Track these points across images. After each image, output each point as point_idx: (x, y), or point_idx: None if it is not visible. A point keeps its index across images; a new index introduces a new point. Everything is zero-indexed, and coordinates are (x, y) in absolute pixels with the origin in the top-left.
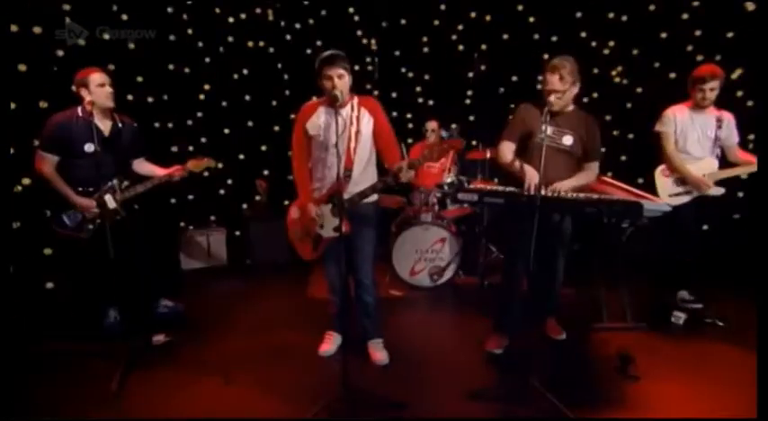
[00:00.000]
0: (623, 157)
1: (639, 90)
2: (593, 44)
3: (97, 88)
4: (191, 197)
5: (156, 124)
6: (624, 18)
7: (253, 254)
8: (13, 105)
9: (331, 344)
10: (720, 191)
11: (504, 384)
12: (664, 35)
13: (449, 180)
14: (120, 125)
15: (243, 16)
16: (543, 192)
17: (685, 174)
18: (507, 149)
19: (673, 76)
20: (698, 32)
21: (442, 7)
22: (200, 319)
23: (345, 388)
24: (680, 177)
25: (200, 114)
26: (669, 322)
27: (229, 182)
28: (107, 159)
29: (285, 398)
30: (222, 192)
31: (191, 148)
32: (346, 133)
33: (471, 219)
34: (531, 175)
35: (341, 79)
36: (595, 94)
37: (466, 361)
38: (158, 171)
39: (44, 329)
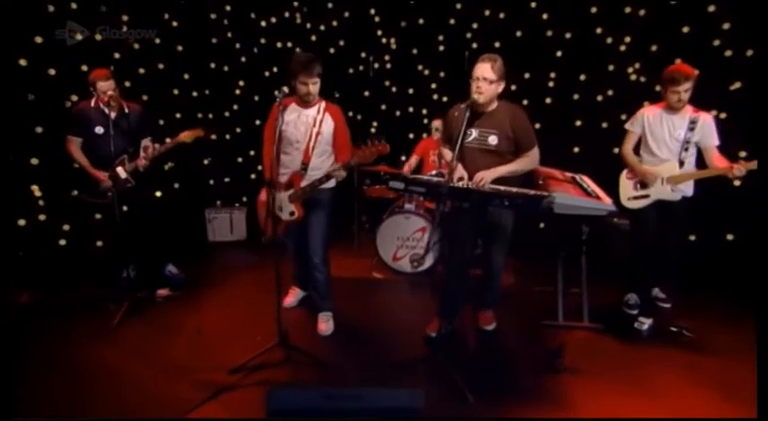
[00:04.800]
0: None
1: (659, 88)
2: (609, 41)
3: (101, 93)
4: (227, 180)
5: (199, 115)
6: (642, 12)
7: None
8: (75, 98)
9: (293, 297)
10: (677, 196)
11: (424, 363)
12: (686, 29)
13: (433, 172)
14: (126, 110)
15: (273, 20)
16: (464, 183)
17: (634, 168)
18: (447, 154)
19: (696, 73)
20: (726, 26)
21: (458, 6)
22: (205, 281)
23: (283, 343)
24: (640, 180)
25: (235, 107)
26: (632, 326)
27: (259, 168)
28: (117, 139)
29: (238, 345)
30: (253, 176)
31: (227, 137)
32: (308, 132)
33: None
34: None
35: (314, 85)
36: (610, 92)
37: (408, 340)
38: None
39: (80, 278)
